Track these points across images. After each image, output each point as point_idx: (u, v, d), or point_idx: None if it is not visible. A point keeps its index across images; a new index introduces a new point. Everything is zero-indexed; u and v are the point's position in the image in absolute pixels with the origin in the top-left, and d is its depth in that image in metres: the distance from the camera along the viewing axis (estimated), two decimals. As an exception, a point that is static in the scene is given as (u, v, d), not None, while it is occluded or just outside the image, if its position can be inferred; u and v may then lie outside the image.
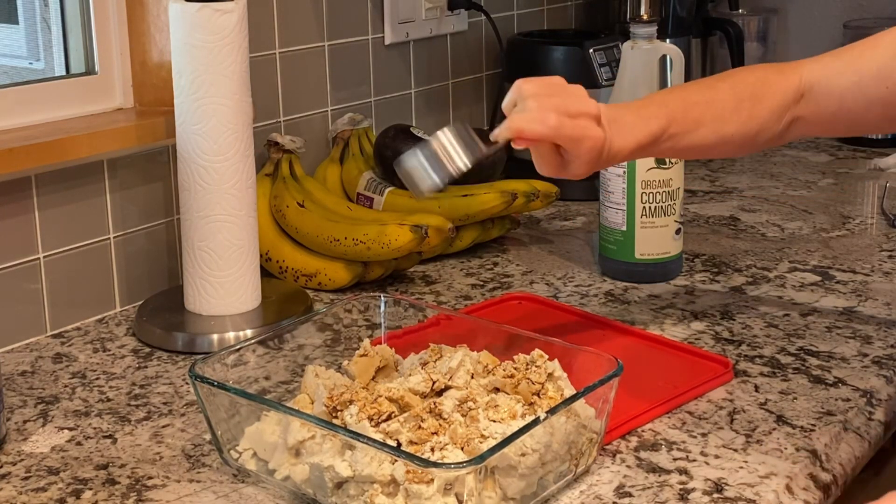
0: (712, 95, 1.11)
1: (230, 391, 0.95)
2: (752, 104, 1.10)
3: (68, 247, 1.31)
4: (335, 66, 1.63)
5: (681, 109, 1.08)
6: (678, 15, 2.02)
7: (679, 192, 1.41)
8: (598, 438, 0.95)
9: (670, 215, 1.39)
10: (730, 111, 1.10)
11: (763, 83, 1.12)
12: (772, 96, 1.11)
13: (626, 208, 1.40)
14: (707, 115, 1.09)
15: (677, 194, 1.40)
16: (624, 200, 1.40)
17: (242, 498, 0.94)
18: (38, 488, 0.96)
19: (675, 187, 1.40)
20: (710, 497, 0.92)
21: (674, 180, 1.40)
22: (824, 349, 1.21)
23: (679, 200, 1.40)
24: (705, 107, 1.10)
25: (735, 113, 1.10)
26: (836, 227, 1.64)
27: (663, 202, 1.39)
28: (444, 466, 0.83)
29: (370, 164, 1.58)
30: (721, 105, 1.10)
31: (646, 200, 1.39)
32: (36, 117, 1.31)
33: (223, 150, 1.24)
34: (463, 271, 1.48)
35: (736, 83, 1.13)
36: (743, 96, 1.11)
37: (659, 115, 1.07)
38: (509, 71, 1.86)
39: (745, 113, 1.10)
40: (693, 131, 1.08)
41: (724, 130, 1.10)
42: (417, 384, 0.95)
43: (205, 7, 1.21)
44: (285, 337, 1.07)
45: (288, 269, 1.42)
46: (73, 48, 1.39)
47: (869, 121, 1.13)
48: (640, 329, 1.26)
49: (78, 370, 1.20)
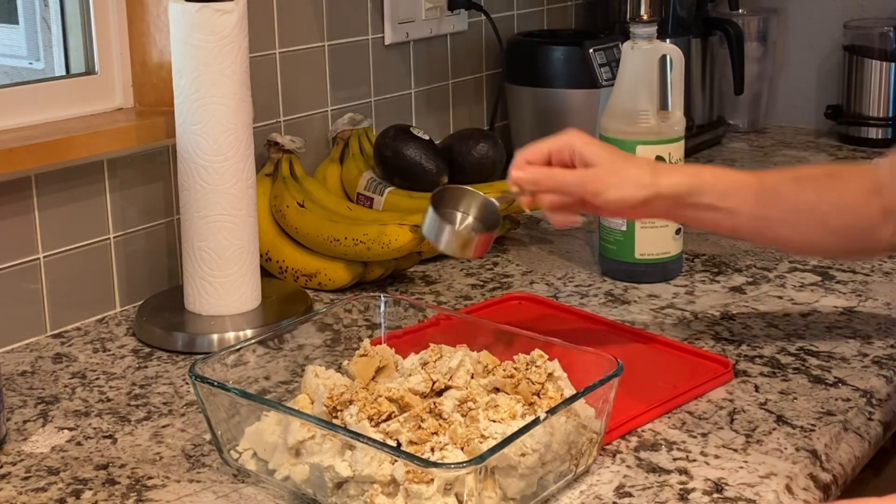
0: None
1: (230, 391, 0.95)
2: (830, 182, 1.12)
3: (68, 247, 1.31)
4: (335, 66, 1.63)
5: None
6: (678, 15, 2.02)
7: None
8: (598, 438, 0.95)
9: None
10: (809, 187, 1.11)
11: (832, 168, 1.13)
12: (845, 178, 1.13)
13: None
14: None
15: None
16: None
17: (242, 498, 0.94)
18: (38, 488, 0.96)
19: (676, 187, 1.40)
20: (710, 497, 0.92)
21: (674, 180, 1.40)
22: (824, 349, 1.21)
23: None
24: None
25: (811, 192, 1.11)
26: (836, 227, 1.64)
27: None
28: (444, 466, 0.83)
29: (370, 164, 1.58)
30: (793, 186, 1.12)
31: None
32: (36, 117, 1.31)
33: (223, 150, 1.24)
34: (463, 271, 1.48)
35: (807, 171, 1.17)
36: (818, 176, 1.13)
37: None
38: (509, 71, 1.86)
39: (824, 187, 1.11)
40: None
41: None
42: (417, 384, 0.96)
43: (205, 7, 1.21)
44: (285, 337, 1.07)
45: (288, 269, 1.42)
46: (73, 48, 1.39)
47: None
48: (640, 329, 1.26)
49: (78, 370, 1.20)
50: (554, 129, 1.79)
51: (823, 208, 1.11)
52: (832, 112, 2.17)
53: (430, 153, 1.55)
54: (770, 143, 2.18)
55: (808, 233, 1.12)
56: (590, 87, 1.78)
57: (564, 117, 1.79)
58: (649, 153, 1.36)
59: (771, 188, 1.11)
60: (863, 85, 2.11)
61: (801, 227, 1.12)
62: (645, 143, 1.37)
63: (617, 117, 1.39)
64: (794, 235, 1.13)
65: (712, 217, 1.11)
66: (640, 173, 1.11)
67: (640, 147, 1.36)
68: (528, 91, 1.83)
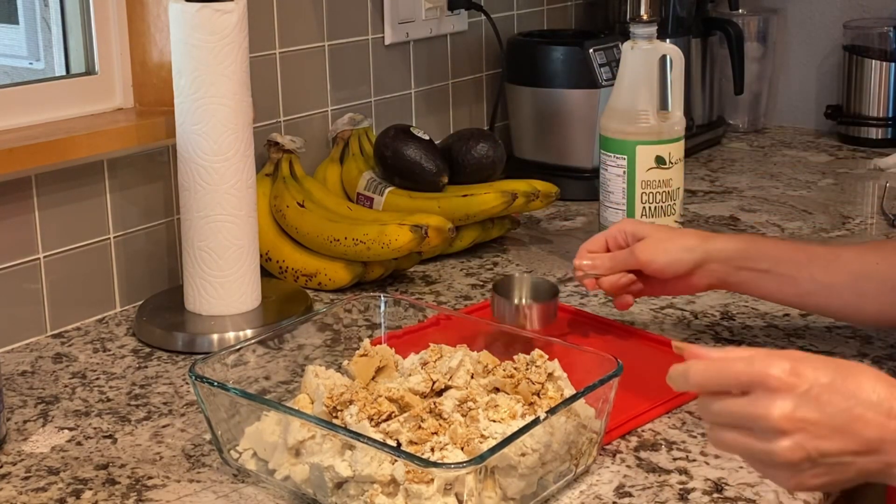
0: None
1: (230, 391, 0.95)
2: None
3: (68, 247, 1.31)
4: (335, 66, 1.63)
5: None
6: (678, 15, 2.02)
7: (679, 192, 1.41)
8: (598, 438, 0.95)
9: (670, 215, 1.40)
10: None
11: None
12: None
13: (626, 208, 1.40)
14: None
15: (677, 194, 1.40)
16: (624, 200, 1.40)
17: (242, 498, 0.94)
18: (38, 488, 0.96)
19: (675, 187, 1.40)
20: (710, 497, 0.92)
21: (673, 180, 1.40)
22: (824, 349, 1.21)
23: (679, 200, 1.40)
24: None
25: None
26: (836, 227, 1.64)
27: (663, 202, 1.39)
28: (444, 466, 0.83)
29: (370, 164, 1.58)
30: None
31: (646, 200, 1.39)
32: (36, 117, 1.31)
33: (223, 150, 1.24)
34: (463, 271, 1.48)
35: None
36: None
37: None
38: (509, 71, 1.86)
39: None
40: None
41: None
42: (417, 384, 0.95)
43: (205, 7, 1.21)
44: (285, 337, 1.07)
45: (288, 269, 1.42)
46: (73, 48, 1.39)
47: None
48: (640, 329, 1.26)
49: (78, 370, 1.20)
50: (554, 129, 1.81)
51: (891, 268, 1.08)
52: (832, 112, 2.17)
53: (430, 153, 1.55)
54: (770, 143, 2.18)
55: (877, 292, 1.09)
56: (590, 87, 1.78)
57: (564, 117, 1.80)
58: (649, 153, 1.37)
59: (832, 253, 1.11)
60: (863, 85, 2.11)
61: (869, 292, 1.09)
62: (645, 143, 1.37)
63: (617, 117, 1.40)
64: (862, 303, 1.10)
65: (772, 283, 1.11)
66: (688, 239, 1.15)
67: (640, 147, 1.37)
68: (528, 91, 1.83)
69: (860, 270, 1.09)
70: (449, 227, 1.40)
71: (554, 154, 1.82)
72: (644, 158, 1.38)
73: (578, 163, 1.80)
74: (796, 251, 1.11)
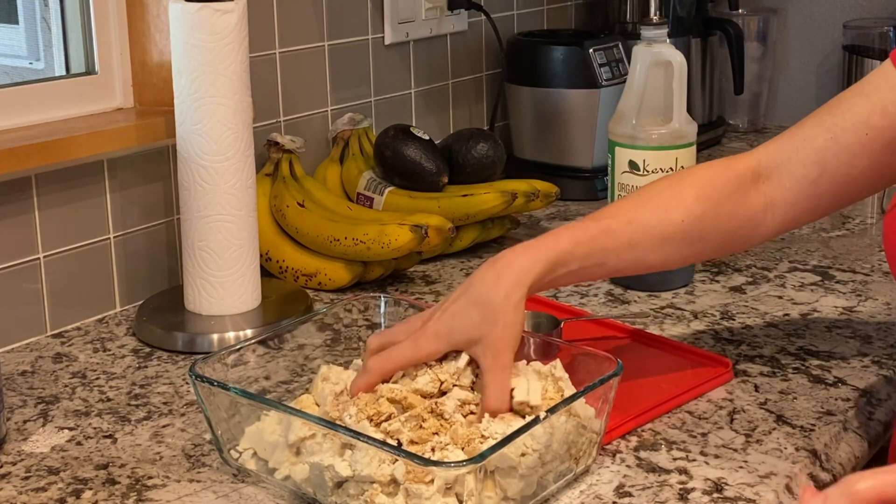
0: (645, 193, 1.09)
1: (230, 391, 0.95)
2: (697, 189, 1.07)
3: (68, 247, 1.31)
4: (335, 66, 1.63)
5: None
6: (678, 15, 2.02)
7: None
8: (598, 438, 0.95)
9: None
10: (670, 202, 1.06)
11: (707, 172, 1.09)
12: (720, 181, 1.07)
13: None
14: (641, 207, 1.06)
15: None
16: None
17: (242, 498, 0.94)
18: (38, 488, 0.96)
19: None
20: (710, 497, 0.92)
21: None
22: (824, 349, 1.21)
23: None
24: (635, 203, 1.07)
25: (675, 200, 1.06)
26: (836, 226, 1.64)
27: None
28: (444, 466, 0.83)
29: (370, 164, 1.58)
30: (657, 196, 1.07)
31: None
32: (36, 117, 1.31)
33: (223, 150, 1.24)
34: (463, 271, 1.48)
35: (678, 177, 1.12)
36: (685, 183, 1.08)
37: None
38: (509, 71, 1.86)
39: (691, 199, 1.06)
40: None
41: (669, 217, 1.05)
42: (426, 384, 0.95)
43: (205, 7, 1.21)
44: (285, 337, 1.07)
45: (288, 269, 1.42)
46: (73, 48, 1.39)
47: (856, 178, 1.05)
48: (640, 329, 1.26)
49: (78, 370, 1.20)
50: (554, 129, 1.81)
51: (694, 222, 1.06)
52: (832, 112, 2.17)
53: (430, 153, 1.55)
54: (770, 143, 2.18)
55: (684, 249, 1.07)
56: (590, 87, 1.77)
57: (564, 117, 1.80)
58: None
59: (634, 225, 1.05)
60: (863, 85, 2.11)
61: (671, 248, 1.06)
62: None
63: (625, 122, 1.37)
64: (668, 257, 1.08)
65: (582, 275, 1.06)
66: (518, 308, 0.98)
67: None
68: (528, 91, 1.83)
69: (666, 234, 1.06)
70: (449, 227, 1.40)
71: (554, 154, 1.82)
72: (621, 161, 1.37)
73: (578, 163, 1.80)
74: (600, 238, 1.04)
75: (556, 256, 1.00)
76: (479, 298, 0.96)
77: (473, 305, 0.96)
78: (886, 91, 1.03)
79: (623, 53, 1.82)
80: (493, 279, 0.98)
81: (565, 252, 1.01)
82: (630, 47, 1.45)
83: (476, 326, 0.95)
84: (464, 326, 0.96)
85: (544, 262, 0.99)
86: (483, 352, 0.95)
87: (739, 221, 1.07)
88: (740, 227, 1.07)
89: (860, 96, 1.05)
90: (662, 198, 1.08)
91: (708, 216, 1.06)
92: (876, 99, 1.03)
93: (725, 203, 1.06)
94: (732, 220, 1.07)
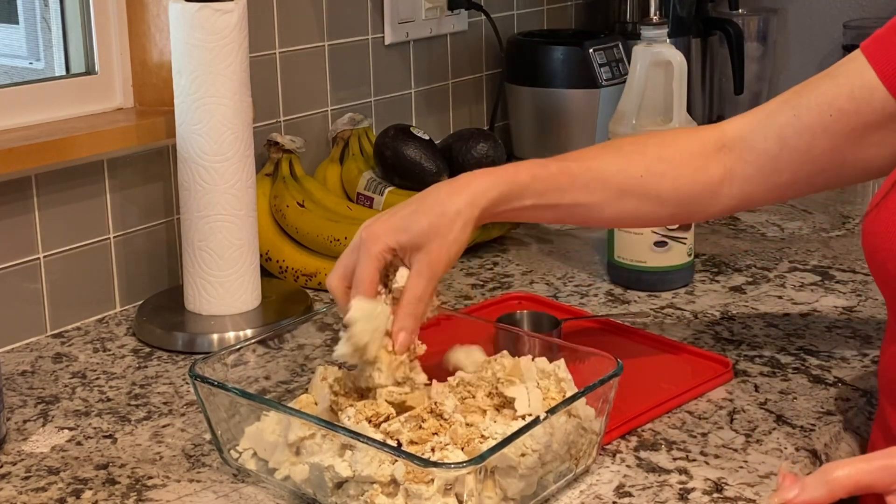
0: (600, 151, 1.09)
1: (230, 391, 0.95)
2: (660, 149, 1.07)
3: (68, 247, 1.31)
4: (335, 66, 1.63)
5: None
6: (678, 15, 2.02)
7: None
8: (598, 438, 0.95)
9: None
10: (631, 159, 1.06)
11: (672, 135, 1.09)
12: (684, 144, 1.07)
13: None
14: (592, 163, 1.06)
15: None
16: None
17: (242, 498, 0.94)
18: (38, 488, 0.96)
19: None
20: (710, 497, 0.92)
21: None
22: (824, 349, 1.21)
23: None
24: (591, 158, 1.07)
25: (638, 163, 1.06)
26: (836, 226, 1.64)
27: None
28: (444, 466, 0.83)
29: (370, 164, 1.58)
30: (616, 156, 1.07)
31: None
32: (36, 117, 1.31)
33: (223, 150, 1.24)
34: (463, 271, 1.48)
35: (642, 138, 1.11)
36: (649, 143, 1.09)
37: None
38: (509, 71, 1.86)
39: (653, 158, 1.06)
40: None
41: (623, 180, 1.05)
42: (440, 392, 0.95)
43: (205, 7, 1.21)
44: (285, 337, 1.07)
45: (288, 269, 1.42)
46: (73, 48, 1.39)
47: (815, 159, 1.04)
48: (640, 329, 1.26)
49: (78, 370, 1.20)
50: (554, 129, 1.81)
51: (652, 179, 1.06)
52: (832, 112, 2.17)
53: (430, 153, 1.55)
54: (770, 143, 2.18)
55: (640, 206, 1.07)
56: (590, 87, 1.78)
57: (564, 117, 1.80)
58: None
59: (593, 170, 1.05)
60: (862, 85, 2.10)
61: (628, 202, 1.06)
62: None
63: (625, 123, 1.37)
64: (623, 215, 1.08)
65: (535, 213, 1.05)
66: (459, 213, 0.97)
67: None
68: (528, 91, 1.83)
69: (624, 185, 1.05)
70: (449, 227, 1.40)
71: (554, 154, 1.81)
72: None
73: (578, 163, 1.80)
74: (559, 176, 1.04)
75: (513, 186, 1.00)
76: (431, 208, 0.97)
77: (424, 213, 0.96)
78: (854, 76, 1.03)
79: (623, 53, 1.82)
80: (447, 193, 0.98)
81: (523, 184, 1.01)
82: (630, 47, 1.45)
83: (423, 233, 0.95)
84: (412, 229, 0.96)
85: (500, 188, 0.99)
86: (420, 258, 0.95)
87: (698, 188, 1.06)
88: (699, 193, 1.07)
89: (828, 78, 1.06)
90: (625, 151, 1.08)
91: (668, 176, 1.06)
92: (844, 82, 1.04)
93: (686, 165, 1.06)
94: (691, 185, 1.06)
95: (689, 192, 1.07)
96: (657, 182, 1.05)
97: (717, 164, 1.06)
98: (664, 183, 1.06)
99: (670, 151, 1.07)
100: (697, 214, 1.12)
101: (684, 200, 1.07)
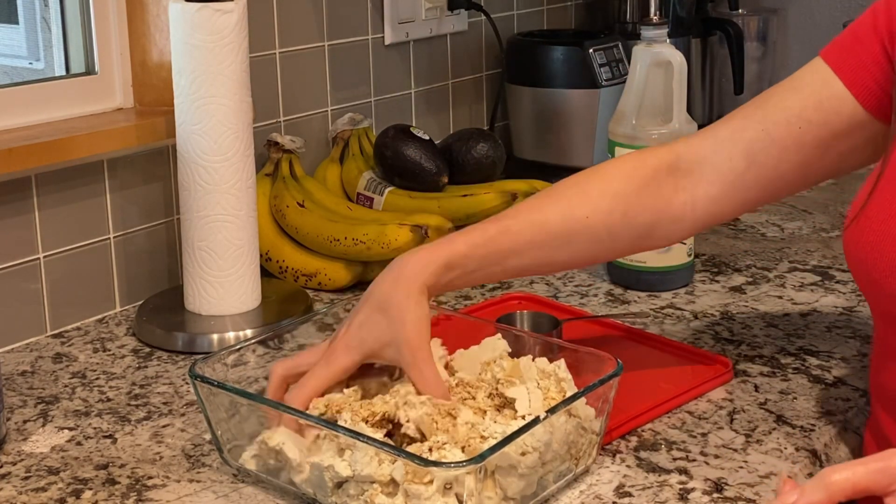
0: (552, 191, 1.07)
1: (230, 391, 0.95)
2: (603, 184, 1.05)
3: (68, 247, 1.31)
4: (335, 66, 1.63)
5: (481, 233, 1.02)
6: (678, 15, 2.01)
7: None
8: (598, 438, 0.95)
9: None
10: (574, 195, 1.05)
11: (615, 167, 1.08)
12: (631, 176, 1.05)
13: None
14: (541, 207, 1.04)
15: None
16: None
17: (242, 498, 0.94)
18: (38, 488, 0.96)
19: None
20: (710, 497, 0.92)
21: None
22: (824, 349, 1.21)
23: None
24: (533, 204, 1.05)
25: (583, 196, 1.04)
26: (836, 227, 1.64)
27: None
28: (444, 466, 0.83)
29: (370, 164, 1.58)
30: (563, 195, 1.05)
31: None
32: (36, 117, 1.31)
33: (223, 150, 1.24)
34: (463, 271, 1.48)
35: (589, 172, 1.09)
36: (591, 178, 1.07)
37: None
38: (509, 71, 1.86)
39: (596, 193, 1.04)
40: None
41: (575, 213, 1.03)
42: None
43: (205, 7, 1.21)
44: (285, 337, 1.07)
45: (288, 269, 1.42)
46: (73, 48, 1.39)
47: (785, 174, 1.03)
48: (640, 329, 1.26)
49: (78, 370, 1.20)
50: (554, 129, 1.81)
51: (599, 217, 1.03)
52: (832, 112, 2.17)
53: (430, 153, 1.55)
54: (770, 143, 2.18)
55: (592, 247, 1.06)
56: (590, 87, 1.77)
57: (564, 117, 1.80)
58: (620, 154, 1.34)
59: (535, 224, 1.03)
60: (862, 85, 2.10)
61: (577, 246, 1.04)
62: (621, 146, 1.35)
63: (626, 122, 1.37)
64: (575, 256, 1.06)
65: (481, 276, 1.04)
66: (421, 305, 0.97)
67: (618, 149, 1.35)
68: (528, 91, 1.83)
69: (570, 231, 1.04)
70: (449, 227, 1.40)
71: (554, 154, 1.82)
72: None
73: (578, 163, 1.80)
74: (499, 238, 1.02)
75: (449, 258, 0.99)
76: (380, 303, 0.97)
77: (377, 311, 0.96)
78: (820, 85, 1.01)
79: (623, 53, 1.81)
80: (390, 283, 0.98)
81: (460, 254, 1.00)
82: (630, 47, 1.45)
83: (385, 330, 0.95)
84: (374, 333, 0.96)
85: (437, 263, 0.99)
86: (399, 351, 0.95)
87: (654, 217, 1.05)
88: (655, 222, 1.05)
89: (791, 91, 1.03)
90: (567, 195, 1.06)
91: (616, 212, 1.04)
92: (809, 93, 1.01)
93: (636, 198, 1.04)
94: (645, 215, 1.05)
95: (644, 222, 1.05)
96: (605, 219, 1.04)
97: (673, 189, 1.05)
98: (613, 219, 1.04)
99: (614, 186, 1.05)
100: (661, 241, 1.10)
101: (641, 231, 1.05)
